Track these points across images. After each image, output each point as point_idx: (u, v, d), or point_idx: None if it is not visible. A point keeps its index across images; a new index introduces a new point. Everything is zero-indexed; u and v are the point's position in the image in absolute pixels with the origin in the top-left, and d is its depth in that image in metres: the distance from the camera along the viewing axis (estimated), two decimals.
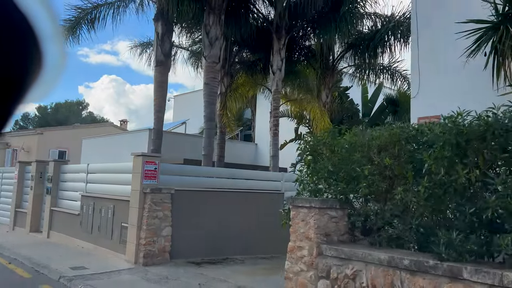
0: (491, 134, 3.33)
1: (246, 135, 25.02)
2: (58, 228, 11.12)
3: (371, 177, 4.27)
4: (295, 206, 4.82)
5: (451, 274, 3.28)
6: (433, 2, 8.39)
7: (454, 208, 3.56)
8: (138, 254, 7.65)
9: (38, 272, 7.29)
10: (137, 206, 7.75)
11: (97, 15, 13.01)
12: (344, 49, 13.42)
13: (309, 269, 4.50)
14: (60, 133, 28.28)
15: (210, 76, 10.36)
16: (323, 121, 12.85)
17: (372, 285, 3.86)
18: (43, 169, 12.86)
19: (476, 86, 7.12)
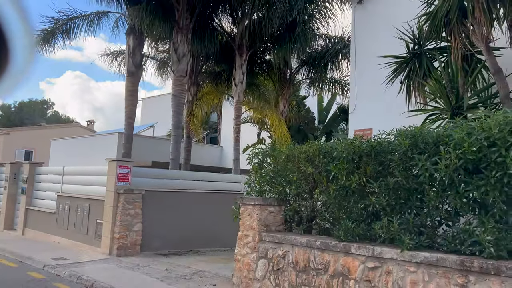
0: (374, 153, 4.79)
1: (213, 138, 26.21)
2: (33, 225, 11.96)
3: (299, 181, 5.67)
4: (244, 203, 6.17)
5: (345, 250, 4.72)
6: (368, 34, 9.97)
7: (351, 204, 5.00)
8: (112, 247, 8.77)
9: (23, 263, 8.27)
10: (112, 205, 8.86)
11: (72, 26, 13.86)
12: (299, 65, 14.97)
13: (252, 251, 5.86)
14: (27, 133, 28.45)
15: (178, 89, 11.57)
16: (280, 128, 14.30)
17: (296, 261, 5.26)
18: (17, 170, 13.61)
19: (398, 106, 8.65)
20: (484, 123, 3.82)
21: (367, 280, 4.43)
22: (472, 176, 3.87)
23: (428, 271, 3.93)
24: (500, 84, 6.03)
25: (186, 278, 6.83)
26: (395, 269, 4.21)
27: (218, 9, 12.92)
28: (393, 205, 4.51)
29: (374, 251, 4.40)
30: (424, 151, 4.26)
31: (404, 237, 4.16)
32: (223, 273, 7.19)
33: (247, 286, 5.84)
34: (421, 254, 3.99)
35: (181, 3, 11.26)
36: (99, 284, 6.26)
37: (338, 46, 13.76)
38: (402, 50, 7.95)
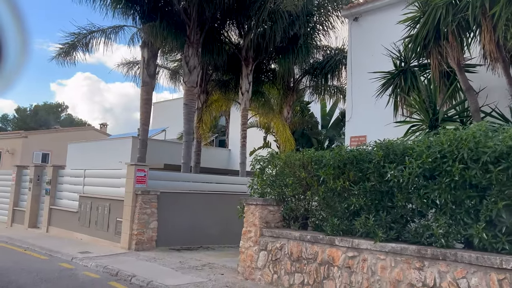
0: (355, 162, 5.71)
1: (221, 141, 27.20)
2: (57, 223, 13.06)
3: (294, 184, 6.61)
4: (247, 203, 7.14)
5: (330, 243, 5.65)
6: (362, 49, 10.87)
7: (337, 204, 5.92)
8: (131, 242, 9.79)
9: (52, 256, 9.31)
10: (130, 204, 9.89)
11: (91, 40, 14.95)
12: (302, 74, 15.91)
13: (254, 245, 6.82)
14: (43, 136, 29.72)
15: (189, 98, 12.58)
16: (285, 133, 15.23)
17: (291, 252, 6.21)
18: (40, 173, 14.75)
19: (389, 116, 9.49)
20: (438, 138, 4.73)
21: (348, 266, 5.37)
22: (429, 182, 4.78)
23: (395, 258, 4.85)
24: (470, 100, 6.92)
25: (198, 268, 7.80)
26: (369, 257, 5.13)
27: (226, 24, 13.92)
28: (369, 205, 5.43)
29: (353, 243, 5.33)
30: (394, 161, 5.18)
31: (378, 231, 5.09)
32: (229, 265, 8.14)
33: (250, 274, 6.80)
34: (389, 245, 4.91)
35: (192, 19, 12.26)
36: (123, 272, 7.26)
37: (338, 57, 14.68)
38: (392, 65, 8.85)
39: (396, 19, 8.23)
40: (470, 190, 4.44)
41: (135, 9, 12.92)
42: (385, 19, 10.19)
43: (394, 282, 4.80)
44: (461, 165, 4.42)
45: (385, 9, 10.32)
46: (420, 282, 4.54)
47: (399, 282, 4.76)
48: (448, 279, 4.30)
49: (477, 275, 4.08)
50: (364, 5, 10.80)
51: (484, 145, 4.27)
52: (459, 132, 4.62)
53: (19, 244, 10.94)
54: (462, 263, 4.21)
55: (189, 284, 6.42)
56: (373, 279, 5.04)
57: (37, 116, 42.49)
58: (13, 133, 30.47)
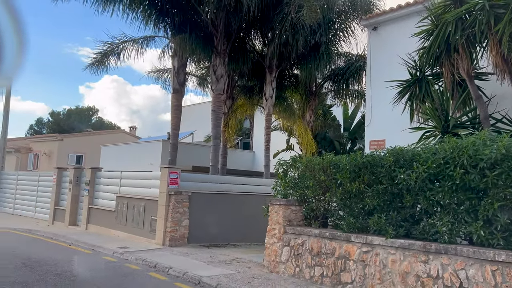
0: (369, 166, 6.33)
1: (245, 143, 28.03)
2: (95, 221, 14.13)
3: (314, 186, 7.28)
4: (272, 203, 7.85)
5: (347, 239, 6.29)
6: (381, 57, 11.38)
7: (353, 204, 6.55)
8: (165, 239, 10.66)
9: (95, 250, 10.28)
10: (164, 204, 10.76)
11: (123, 49, 15.99)
12: (323, 79, 16.51)
13: (278, 241, 7.52)
14: (77, 139, 31.34)
15: (217, 105, 13.40)
16: (306, 137, 15.87)
17: (311, 248, 6.88)
18: (79, 174, 15.91)
19: (405, 121, 9.98)
20: (442, 146, 5.31)
21: (362, 260, 6.00)
22: (434, 185, 5.36)
23: (403, 253, 5.46)
24: (480, 108, 7.41)
25: (226, 262, 8.56)
26: (381, 252, 5.75)
27: (250, 33, 14.68)
28: (382, 205, 6.05)
29: (367, 239, 5.96)
30: (403, 166, 5.78)
31: (388, 229, 5.70)
32: (255, 260, 8.87)
33: (274, 267, 7.51)
34: (398, 241, 5.52)
35: (219, 31, 13.08)
36: (161, 264, 8.10)
37: (359, 64, 15.21)
38: (408, 73, 9.36)
39: (412, 29, 8.75)
40: (469, 192, 5.00)
41: (166, 22, 13.83)
42: (403, 29, 10.67)
43: (403, 274, 5.41)
44: (461, 170, 4.99)
45: (403, 19, 10.81)
46: (425, 273, 5.14)
47: (407, 274, 5.36)
48: (449, 271, 4.88)
49: (474, 267, 4.65)
50: (382, 15, 11.32)
51: (481, 152, 4.83)
52: (461, 141, 5.18)
53: (63, 240, 12.00)
54: (461, 257, 4.79)
55: (220, 275, 7.18)
56: (384, 271, 5.65)
57: (70, 119, 44.56)
58: (50, 136, 32.21)
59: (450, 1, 7.35)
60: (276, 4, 12.60)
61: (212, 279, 6.86)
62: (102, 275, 7.42)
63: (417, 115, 8.98)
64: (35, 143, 31.61)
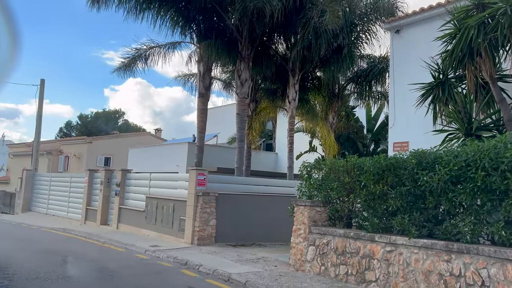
0: (392, 168, 6.54)
1: (268, 144, 28.35)
2: (126, 221, 14.72)
3: (338, 188, 7.52)
4: (297, 204, 8.14)
5: (371, 239, 6.52)
6: (404, 59, 11.49)
7: (377, 206, 6.76)
8: (193, 238, 11.09)
9: (128, 249, 10.80)
10: (192, 204, 11.20)
11: (150, 54, 16.54)
12: (346, 81, 16.67)
13: (304, 240, 7.80)
14: (105, 141, 32.36)
15: (241, 108, 13.78)
16: (329, 139, 16.06)
17: (336, 247, 7.13)
18: (110, 176, 16.58)
19: (428, 123, 10.05)
20: (464, 149, 5.49)
21: (386, 259, 6.22)
22: (456, 186, 5.54)
23: (426, 252, 5.66)
24: (503, 110, 7.49)
25: (253, 261, 8.90)
26: (404, 251, 5.96)
27: (274, 38, 15.00)
28: (405, 207, 6.25)
29: (391, 239, 6.18)
30: (426, 168, 5.97)
31: (411, 229, 5.91)
32: (281, 259, 9.17)
33: (300, 266, 7.79)
34: (421, 241, 5.72)
35: (243, 36, 13.46)
36: (192, 262, 8.50)
37: (382, 66, 15.31)
38: (431, 76, 9.47)
39: (435, 32, 8.87)
40: (491, 194, 5.17)
41: (192, 28, 14.33)
42: (425, 32, 10.76)
43: (426, 272, 5.61)
44: (483, 172, 5.16)
45: (425, 22, 10.90)
46: (448, 272, 5.33)
47: (430, 272, 5.56)
48: (471, 269, 5.06)
49: (495, 266, 4.83)
50: (405, 18, 11.44)
51: (502, 155, 4.99)
52: (482, 144, 5.35)
53: (96, 239, 12.61)
54: (483, 256, 4.96)
55: (248, 273, 7.52)
56: (407, 270, 5.86)
57: (97, 122, 45.98)
58: (80, 138, 33.35)
59: (473, 6, 7.47)
60: (299, 10, 12.88)
61: (241, 276, 7.20)
62: (137, 272, 7.88)
63: (440, 117, 9.09)
64: (65, 146, 32.82)
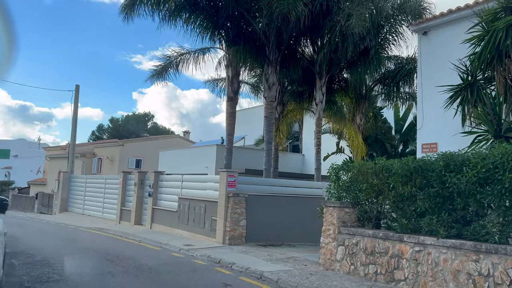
0: (420, 171, 6.70)
1: (295, 146, 28.54)
2: (159, 221, 15.31)
3: (367, 190, 7.72)
4: (326, 206, 8.39)
5: (399, 239, 6.70)
6: (432, 61, 11.52)
7: (405, 207, 6.93)
8: (224, 237, 11.48)
9: (163, 247, 11.31)
10: (223, 205, 11.60)
11: (181, 61, 17.06)
12: (373, 83, 16.72)
13: (333, 241, 8.04)
14: (136, 144, 33.39)
15: (269, 111, 14.10)
16: (357, 140, 16.15)
17: (365, 247, 7.34)
18: (143, 177, 17.25)
19: (457, 124, 10.07)
20: (492, 151, 5.61)
21: (415, 259, 6.39)
22: (484, 188, 5.67)
23: (455, 252, 5.80)
24: None
25: (284, 260, 9.19)
26: (433, 251, 6.12)
27: (301, 41, 15.25)
28: (433, 208, 6.40)
29: (419, 239, 6.35)
30: (454, 170, 6.11)
31: (439, 230, 6.06)
32: (311, 258, 9.42)
33: (330, 265, 8.03)
34: (449, 241, 5.88)
35: (270, 41, 13.78)
36: (225, 260, 8.89)
37: (409, 67, 15.29)
38: (459, 77, 9.50)
39: (462, 34, 8.92)
40: None
41: (221, 34, 14.77)
42: (453, 33, 10.77)
43: (454, 272, 5.76)
44: (510, 174, 5.28)
45: (453, 24, 10.91)
46: (477, 272, 5.47)
47: (458, 272, 5.71)
48: (499, 269, 5.19)
49: None
50: (432, 20, 11.47)
51: None
52: (509, 146, 5.46)
53: (132, 238, 13.22)
54: (511, 256, 5.08)
55: (279, 271, 7.82)
56: (436, 269, 6.02)
57: (127, 125, 47.38)
58: (112, 141, 34.52)
59: (501, 8, 7.52)
60: (325, 14, 13.08)
61: (272, 274, 7.52)
62: (174, 269, 8.32)
63: (469, 119, 9.11)
64: (98, 148, 34.05)
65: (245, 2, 12.97)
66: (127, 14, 14.18)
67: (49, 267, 7.93)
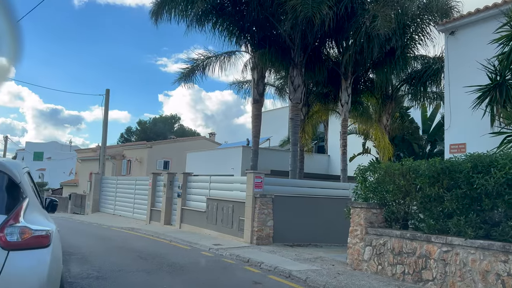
0: (448, 172, 6.74)
1: (320, 147, 28.54)
2: (188, 221, 15.73)
3: (394, 191, 7.80)
4: (353, 206, 8.51)
5: (427, 240, 6.77)
6: (459, 61, 11.42)
7: (432, 208, 6.98)
8: (252, 237, 11.74)
9: (192, 247, 11.67)
10: (251, 206, 11.86)
11: (207, 64, 17.46)
12: (400, 83, 16.62)
13: (360, 241, 8.16)
14: (164, 146, 34.16)
15: (295, 113, 14.28)
16: (383, 141, 16.10)
17: (393, 247, 7.43)
18: (172, 179, 17.72)
19: (485, 125, 9.97)
20: None
21: (442, 259, 6.45)
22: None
23: (483, 253, 5.84)
24: None
25: (311, 260, 9.36)
26: (461, 252, 6.17)
27: (325, 43, 15.36)
28: (461, 209, 6.44)
29: (447, 240, 6.40)
30: (481, 171, 6.14)
31: (467, 230, 6.11)
32: (338, 258, 9.55)
33: (357, 265, 8.15)
34: (478, 241, 5.92)
35: (295, 44, 13.97)
36: (253, 260, 9.14)
37: (436, 66, 15.14)
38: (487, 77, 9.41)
39: (490, 33, 8.85)
40: None
41: (247, 38, 15.06)
42: (481, 32, 10.66)
43: (483, 272, 5.80)
44: None
45: (480, 23, 10.79)
46: (506, 272, 5.50)
47: (487, 272, 5.75)
48: None
49: None
50: (459, 20, 11.37)
51: None
52: None
53: (163, 237, 13.65)
54: None
55: (307, 270, 8.00)
56: (465, 270, 6.07)
57: (155, 127, 48.47)
58: (140, 143, 35.43)
59: None
60: (350, 16, 13.16)
61: (301, 273, 7.71)
62: (205, 267, 8.64)
63: (497, 120, 9.04)
64: (127, 150, 35.02)
65: (270, 7, 13.20)
66: (155, 19, 14.67)
67: (88, 264, 8.38)
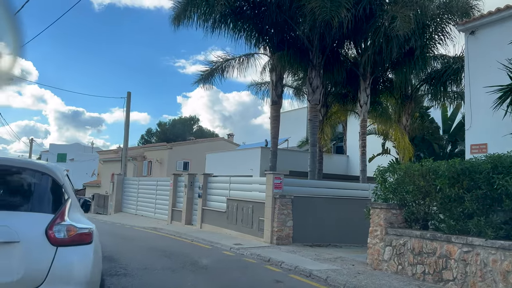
0: (467, 172, 6.77)
1: (338, 147, 28.49)
2: (208, 221, 16.00)
3: (414, 191, 7.86)
4: (373, 207, 8.59)
5: (447, 240, 6.81)
6: (480, 61, 11.34)
7: (452, 208, 7.02)
8: (272, 237, 11.91)
9: (213, 246, 11.91)
10: (270, 206, 12.03)
11: (226, 67, 17.72)
12: (419, 83, 16.53)
13: (380, 241, 8.23)
14: (184, 147, 34.68)
15: (313, 114, 14.39)
16: (403, 141, 16.04)
17: (413, 248, 7.48)
18: (193, 179, 18.05)
19: (508, 125, 9.92)
20: None
21: (463, 259, 6.49)
22: None
23: (504, 253, 5.87)
24: None
25: (331, 260, 9.47)
26: (481, 252, 6.21)
27: (344, 44, 15.41)
28: (481, 209, 6.47)
29: (467, 240, 6.44)
30: (502, 172, 6.16)
31: (488, 231, 6.14)
32: (358, 259, 9.63)
33: (377, 265, 8.23)
34: (498, 242, 5.95)
35: (314, 45, 14.08)
36: (274, 259, 9.31)
37: (456, 66, 15.00)
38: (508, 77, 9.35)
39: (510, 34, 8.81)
40: None
41: (265, 41, 15.24)
42: (502, 32, 10.57)
43: (504, 273, 5.83)
44: None
45: (502, 23, 10.70)
46: None
47: (508, 273, 5.78)
48: None
49: None
50: (479, 19, 11.29)
51: None
52: None
53: (184, 237, 13.95)
54: None
55: (327, 270, 8.13)
56: (485, 270, 6.11)
57: (174, 129, 49.15)
58: (161, 145, 36.03)
59: None
60: (368, 17, 13.20)
61: (321, 273, 7.84)
62: (227, 266, 8.86)
63: None
64: (148, 152, 35.68)
65: (288, 10, 13.36)
66: (177, 24, 15.00)
67: (114, 262, 8.69)
